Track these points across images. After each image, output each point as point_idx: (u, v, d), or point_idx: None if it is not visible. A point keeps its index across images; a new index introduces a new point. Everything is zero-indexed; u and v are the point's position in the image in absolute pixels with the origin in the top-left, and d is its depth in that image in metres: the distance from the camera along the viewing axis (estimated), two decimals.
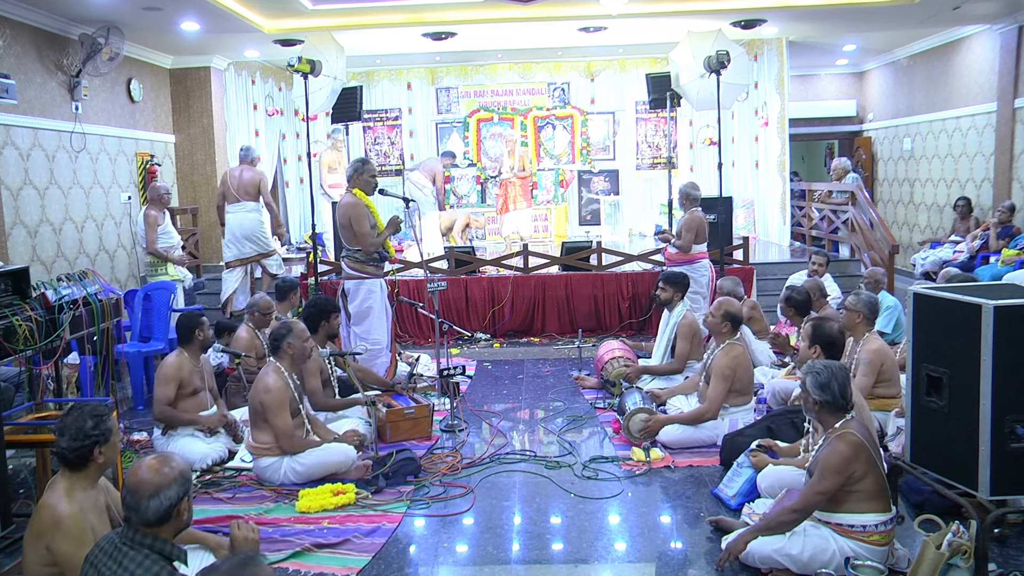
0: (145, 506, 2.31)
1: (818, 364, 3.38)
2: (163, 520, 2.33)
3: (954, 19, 9.14)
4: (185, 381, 4.92)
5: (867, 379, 4.55)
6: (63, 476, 2.72)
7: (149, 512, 2.31)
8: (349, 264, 6.04)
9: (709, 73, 7.41)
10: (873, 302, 4.76)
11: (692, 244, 6.93)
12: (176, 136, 9.97)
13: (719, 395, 4.84)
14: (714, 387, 4.85)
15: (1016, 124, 8.87)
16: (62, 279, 4.40)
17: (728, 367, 4.84)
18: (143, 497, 2.32)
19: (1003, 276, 6.67)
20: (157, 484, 2.33)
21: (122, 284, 8.50)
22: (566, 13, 8.51)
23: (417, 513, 4.09)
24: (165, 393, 4.85)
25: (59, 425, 2.73)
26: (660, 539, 3.74)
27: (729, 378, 4.84)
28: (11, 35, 6.90)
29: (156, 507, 2.31)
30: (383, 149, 12.36)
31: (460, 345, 7.82)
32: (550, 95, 12.25)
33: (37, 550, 2.60)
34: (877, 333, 4.86)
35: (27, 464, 4.73)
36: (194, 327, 5.00)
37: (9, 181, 6.87)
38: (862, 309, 4.69)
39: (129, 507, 2.34)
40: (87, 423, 2.71)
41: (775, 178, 10.75)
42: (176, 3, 7.21)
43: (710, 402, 4.86)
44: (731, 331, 4.98)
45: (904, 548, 3.34)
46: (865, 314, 4.70)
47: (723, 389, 4.84)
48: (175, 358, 4.95)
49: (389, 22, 8.73)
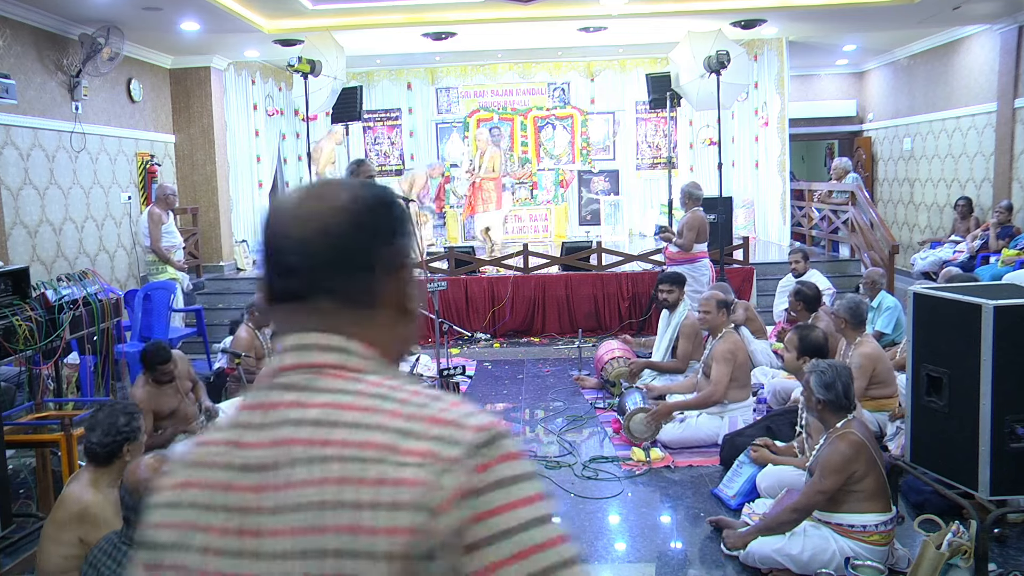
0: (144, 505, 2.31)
1: (823, 363, 3.38)
2: None
3: (954, 19, 9.14)
4: (158, 409, 4.64)
5: (859, 382, 4.54)
6: (88, 470, 2.75)
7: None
8: None
9: (709, 73, 7.41)
10: (855, 306, 4.74)
11: (693, 243, 6.93)
12: (176, 136, 9.97)
13: (724, 377, 4.85)
14: (717, 371, 4.87)
15: (1016, 124, 8.87)
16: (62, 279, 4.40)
17: (729, 351, 4.88)
18: (142, 496, 2.32)
19: (1003, 276, 6.66)
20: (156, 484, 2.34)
21: (122, 284, 8.50)
22: (566, 13, 8.50)
23: None
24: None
25: (91, 421, 2.77)
26: (660, 539, 3.74)
27: (731, 362, 4.86)
28: (11, 35, 6.90)
29: None
30: (383, 149, 12.36)
31: (460, 345, 7.82)
32: (550, 95, 12.25)
33: (60, 540, 2.61)
34: (870, 335, 4.85)
35: (27, 464, 4.73)
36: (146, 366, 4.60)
37: (9, 181, 6.87)
38: (844, 315, 4.69)
39: (128, 507, 2.34)
40: (120, 419, 2.75)
41: (775, 178, 10.75)
42: (176, 3, 7.21)
43: (716, 384, 4.86)
44: (725, 317, 5.08)
45: (904, 548, 3.34)
46: (848, 319, 4.69)
47: (727, 371, 4.85)
48: (142, 389, 4.60)
49: (389, 22, 8.73)
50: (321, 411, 0.85)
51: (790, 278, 7.14)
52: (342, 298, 0.90)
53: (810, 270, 7.13)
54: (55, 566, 2.63)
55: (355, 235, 0.90)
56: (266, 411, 0.87)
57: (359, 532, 0.78)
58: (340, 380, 0.87)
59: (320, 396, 0.86)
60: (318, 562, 0.79)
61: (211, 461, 0.89)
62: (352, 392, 0.86)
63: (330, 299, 0.90)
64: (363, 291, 0.91)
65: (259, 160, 11.07)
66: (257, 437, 0.86)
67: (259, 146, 11.06)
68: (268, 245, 0.93)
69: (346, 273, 0.90)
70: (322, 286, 0.90)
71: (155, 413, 4.63)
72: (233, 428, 0.90)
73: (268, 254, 0.93)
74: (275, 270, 0.92)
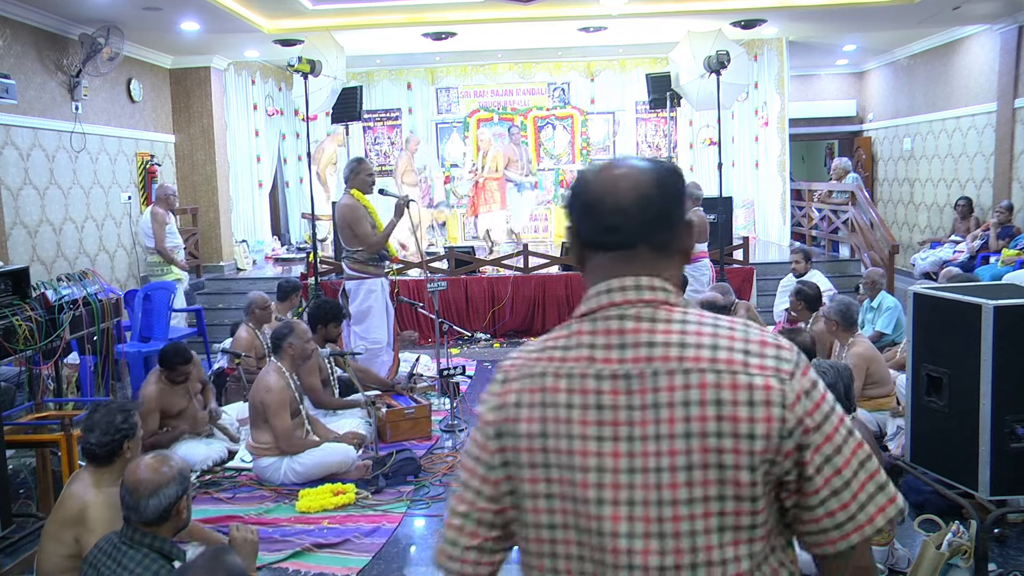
0: (144, 505, 2.32)
1: (824, 364, 3.38)
2: (162, 519, 2.34)
3: (954, 19, 9.14)
4: (167, 407, 4.68)
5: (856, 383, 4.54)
6: (89, 470, 2.75)
7: (148, 511, 2.32)
8: (349, 265, 6.01)
9: (709, 73, 7.41)
10: (844, 308, 4.73)
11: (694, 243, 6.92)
12: (176, 136, 9.97)
13: None
14: None
15: (1016, 124, 8.87)
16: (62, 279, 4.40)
17: None
18: (142, 496, 2.33)
19: (1003, 276, 6.67)
20: (156, 483, 2.34)
21: (122, 284, 8.50)
22: (566, 13, 8.50)
23: (417, 513, 4.09)
24: (150, 428, 4.47)
25: (87, 422, 2.78)
26: None
27: None
28: (11, 35, 6.90)
29: (155, 506, 2.32)
30: (383, 149, 12.36)
31: (460, 345, 7.82)
32: (550, 95, 12.25)
33: (60, 539, 2.61)
34: (863, 335, 4.84)
35: (27, 464, 4.73)
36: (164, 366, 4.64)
37: (9, 181, 6.87)
38: (835, 317, 4.69)
39: (128, 506, 2.35)
40: (116, 417, 2.76)
41: (775, 178, 10.75)
42: (176, 3, 7.21)
43: None
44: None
45: (904, 548, 3.34)
46: (838, 321, 4.69)
47: None
48: (154, 387, 4.64)
49: (389, 22, 8.73)
50: (670, 336, 1.16)
51: (791, 278, 7.14)
52: (658, 248, 1.20)
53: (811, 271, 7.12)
54: (55, 566, 2.63)
55: (664, 200, 1.20)
56: (622, 335, 1.17)
57: (729, 420, 1.11)
58: (673, 312, 1.18)
59: (663, 324, 1.17)
60: (699, 440, 1.11)
61: (575, 372, 1.18)
62: (688, 322, 1.17)
63: (649, 249, 1.20)
64: (668, 242, 1.22)
65: (259, 160, 11.07)
66: (617, 355, 1.16)
67: (259, 146, 11.06)
68: (591, 209, 1.21)
69: (659, 229, 1.20)
70: (644, 240, 1.19)
71: (163, 411, 4.67)
72: (569, 350, 1.20)
73: (592, 216, 1.21)
74: (600, 228, 1.20)
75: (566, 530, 1.17)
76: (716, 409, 1.11)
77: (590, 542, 1.15)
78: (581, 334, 1.20)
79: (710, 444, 1.11)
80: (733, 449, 1.10)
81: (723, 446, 1.11)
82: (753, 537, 1.13)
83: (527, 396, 1.20)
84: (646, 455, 1.13)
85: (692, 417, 1.11)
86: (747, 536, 1.13)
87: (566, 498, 1.17)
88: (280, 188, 12.30)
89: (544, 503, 1.18)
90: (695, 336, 1.15)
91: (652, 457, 1.12)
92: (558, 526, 1.18)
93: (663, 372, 1.13)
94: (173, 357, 4.62)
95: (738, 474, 1.11)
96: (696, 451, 1.11)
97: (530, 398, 1.20)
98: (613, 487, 1.14)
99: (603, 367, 1.16)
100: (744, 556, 1.13)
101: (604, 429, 1.15)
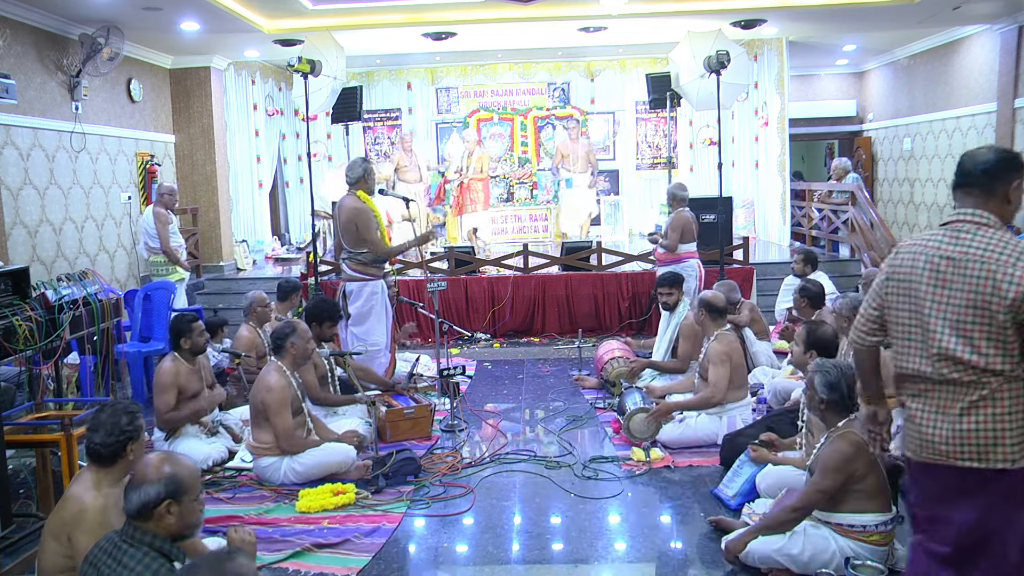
0: (129, 495, 2.34)
1: (828, 363, 3.38)
2: (140, 515, 2.32)
3: (954, 19, 9.14)
4: (183, 386, 4.83)
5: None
6: (91, 471, 2.74)
7: (131, 503, 2.33)
8: (351, 266, 5.95)
9: (709, 73, 7.41)
10: (857, 305, 4.73)
11: (678, 244, 6.92)
12: (176, 136, 9.97)
13: (723, 379, 4.83)
14: (715, 372, 4.85)
15: (1016, 124, 8.87)
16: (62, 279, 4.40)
17: (724, 352, 4.85)
18: (131, 486, 2.35)
19: None
20: (143, 477, 2.35)
21: (122, 284, 8.51)
22: (566, 13, 8.51)
23: (417, 513, 4.09)
24: (165, 401, 4.74)
25: (93, 422, 2.76)
26: (660, 539, 3.74)
27: (727, 363, 4.84)
28: (11, 35, 6.91)
29: (136, 500, 2.32)
30: (383, 149, 12.36)
31: (460, 345, 7.82)
32: (550, 95, 12.26)
33: (59, 540, 2.61)
34: None
35: (27, 464, 4.73)
36: (180, 335, 4.87)
37: (9, 181, 6.87)
38: (848, 313, 4.69)
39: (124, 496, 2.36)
40: (122, 419, 2.74)
41: (775, 178, 10.75)
42: (176, 3, 7.21)
43: (714, 386, 4.84)
44: (714, 320, 5.01)
45: (904, 548, 3.34)
46: (850, 317, 4.69)
47: (725, 373, 4.83)
48: (171, 364, 4.82)
49: (389, 22, 8.74)
50: (983, 241, 2.32)
51: (792, 278, 7.15)
52: (987, 192, 2.39)
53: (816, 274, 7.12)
54: (55, 566, 2.63)
55: (999, 166, 2.40)
56: (955, 237, 2.37)
57: (996, 287, 2.27)
58: (988, 231, 2.35)
59: (980, 234, 2.34)
60: (975, 296, 2.29)
61: (927, 249, 2.41)
62: (994, 238, 2.32)
63: (982, 192, 2.40)
64: (994, 189, 2.39)
65: (259, 160, 11.08)
66: (950, 245, 2.37)
67: (259, 146, 11.07)
68: (960, 168, 2.46)
69: (993, 180, 2.39)
70: (982, 187, 2.40)
71: (180, 390, 4.81)
72: (930, 240, 2.43)
73: (960, 171, 2.46)
74: (961, 177, 2.45)
75: (911, 329, 2.44)
76: (997, 281, 2.25)
77: (922, 336, 2.40)
78: (937, 234, 2.42)
79: (985, 297, 2.27)
80: (998, 303, 2.27)
81: (990, 303, 2.27)
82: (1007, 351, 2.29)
83: (903, 256, 2.48)
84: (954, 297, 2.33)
85: (981, 278, 2.28)
86: (1002, 348, 2.28)
87: (912, 312, 2.43)
88: (280, 188, 12.31)
89: (901, 314, 2.48)
90: (999, 243, 2.30)
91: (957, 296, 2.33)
92: (906, 325, 2.46)
93: (973, 260, 2.30)
94: (179, 322, 4.92)
95: (997, 314, 2.27)
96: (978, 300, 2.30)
97: (904, 259, 2.47)
98: (937, 309, 2.35)
99: (942, 251, 2.37)
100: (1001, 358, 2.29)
101: (935, 284, 2.36)
